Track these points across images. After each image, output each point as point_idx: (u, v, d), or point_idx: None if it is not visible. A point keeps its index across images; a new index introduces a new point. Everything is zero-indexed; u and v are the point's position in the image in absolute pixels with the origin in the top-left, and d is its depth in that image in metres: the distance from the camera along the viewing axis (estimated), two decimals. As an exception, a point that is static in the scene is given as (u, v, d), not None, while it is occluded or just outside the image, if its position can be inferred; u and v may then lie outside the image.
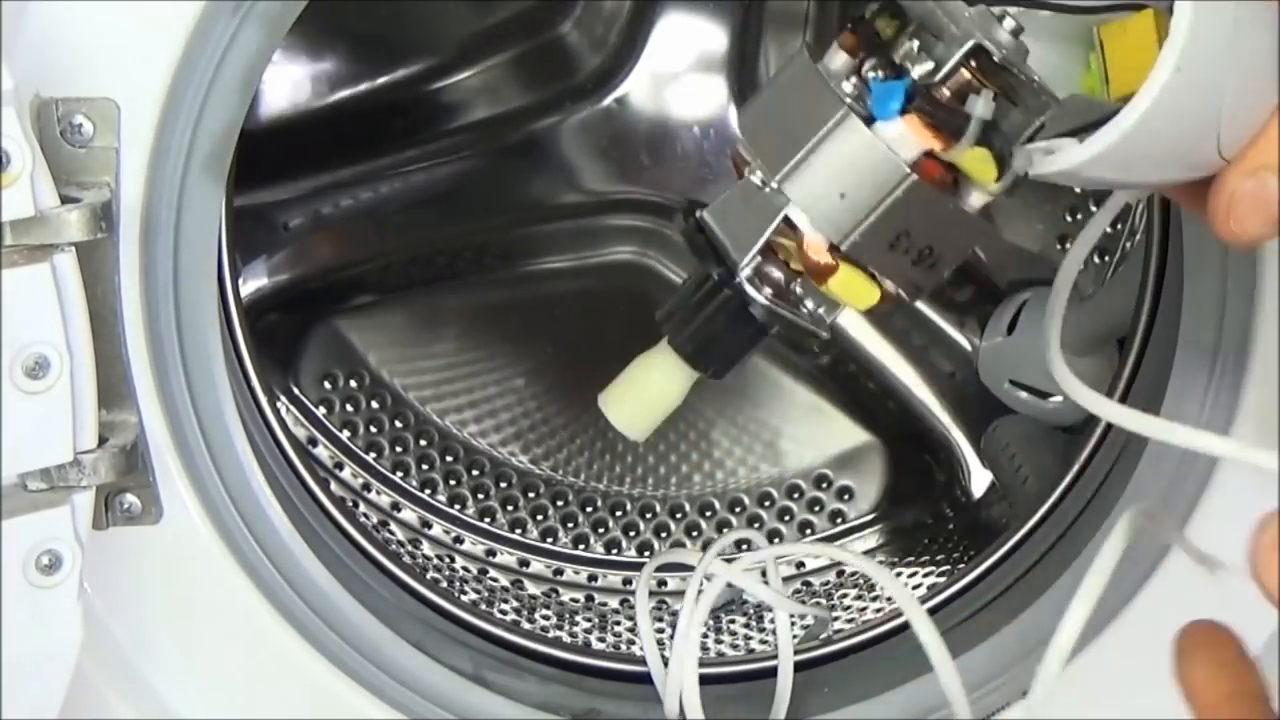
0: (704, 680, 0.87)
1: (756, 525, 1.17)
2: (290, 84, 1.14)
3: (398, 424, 1.16)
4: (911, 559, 1.09)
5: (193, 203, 0.67)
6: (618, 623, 1.04)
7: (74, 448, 0.63)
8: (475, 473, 1.17)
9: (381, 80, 1.17)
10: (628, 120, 1.21)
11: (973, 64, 0.50)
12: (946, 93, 0.50)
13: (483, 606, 1.00)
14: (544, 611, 1.04)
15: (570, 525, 1.17)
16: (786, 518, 1.17)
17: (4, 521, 0.62)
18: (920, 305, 1.16)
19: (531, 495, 1.17)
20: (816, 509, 1.17)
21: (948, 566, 1.05)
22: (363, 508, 1.11)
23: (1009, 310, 1.10)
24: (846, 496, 1.17)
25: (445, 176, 1.20)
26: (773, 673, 0.87)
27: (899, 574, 1.05)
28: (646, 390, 0.59)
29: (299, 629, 0.76)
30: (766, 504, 1.18)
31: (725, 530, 1.17)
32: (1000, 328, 1.10)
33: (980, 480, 1.14)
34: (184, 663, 0.74)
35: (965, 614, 0.86)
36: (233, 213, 0.77)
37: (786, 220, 0.52)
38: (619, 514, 1.17)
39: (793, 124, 0.50)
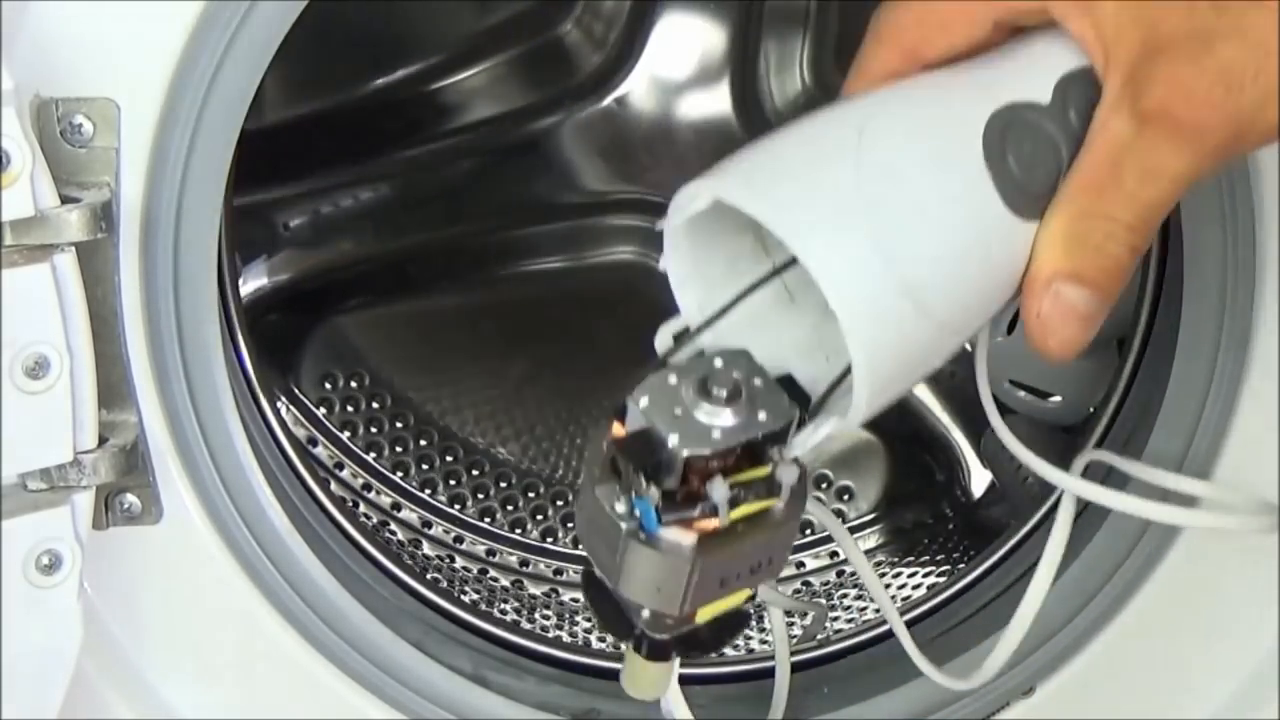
0: (704, 680, 0.87)
1: (756, 525, 1.17)
2: (290, 84, 1.14)
3: (398, 424, 1.16)
4: (911, 559, 1.09)
5: (193, 203, 0.67)
6: (618, 623, 1.04)
7: (74, 448, 0.63)
8: (475, 473, 1.17)
9: (381, 80, 1.17)
10: (628, 120, 1.21)
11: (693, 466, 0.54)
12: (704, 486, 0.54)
13: (483, 606, 1.00)
14: (544, 611, 1.04)
15: (570, 525, 1.17)
16: (786, 518, 1.17)
17: (4, 521, 0.62)
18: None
19: (531, 495, 1.17)
20: (816, 509, 1.17)
21: (948, 566, 1.05)
22: (363, 508, 1.11)
23: (1009, 310, 1.09)
24: (846, 496, 1.17)
25: (445, 176, 1.20)
26: (773, 673, 0.87)
27: (899, 574, 1.05)
28: (644, 676, 0.64)
29: (299, 629, 0.76)
30: (766, 504, 1.17)
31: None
32: (1000, 328, 1.10)
33: (980, 480, 1.14)
34: (184, 663, 0.74)
35: (966, 613, 0.86)
36: (233, 213, 0.77)
37: None
38: (619, 514, 1.17)
39: (603, 542, 0.56)
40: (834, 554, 1.13)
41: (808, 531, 1.16)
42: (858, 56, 0.56)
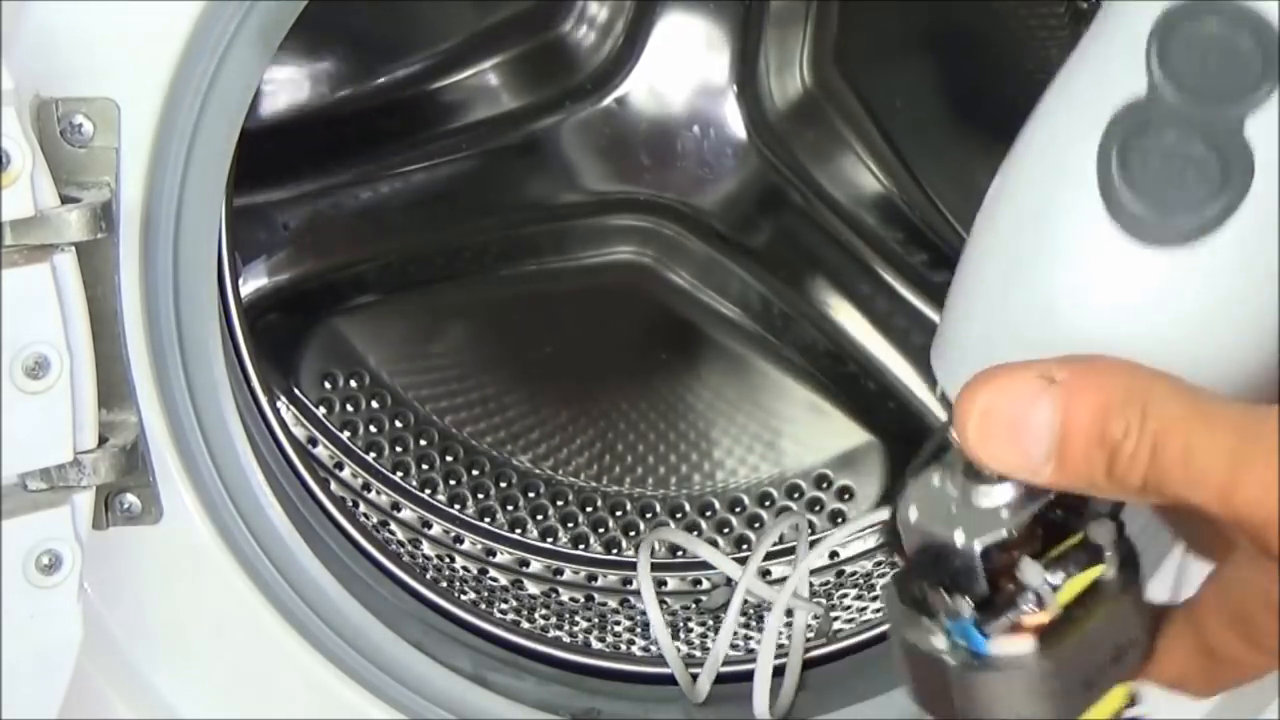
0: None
1: (756, 525, 1.17)
2: (290, 84, 1.14)
3: (398, 424, 1.16)
4: (911, 559, 1.09)
5: (193, 203, 0.67)
6: (617, 623, 1.04)
7: (74, 447, 0.63)
8: (475, 472, 1.17)
9: (381, 80, 1.17)
10: (628, 120, 1.21)
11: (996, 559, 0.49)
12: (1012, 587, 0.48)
13: (482, 606, 1.00)
14: (543, 611, 1.04)
15: (570, 525, 1.17)
16: (786, 518, 1.17)
17: (4, 521, 0.62)
18: (919, 304, 1.16)
19: (531, 495, 1.17)
20: (816, 509, 1.17)
21: (947, 566, 1.05)
22: (363, 507, 1.11)
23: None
24: (846, 496, 1.17)
25: (445, 176, 1.20)
26: (774, 673, 0.88)
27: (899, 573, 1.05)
28: None
29: (299, 629, 0.76)
30: (766, 504, 1.18)
31: (726, 530, 1.17)
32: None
33: (980, 480, 1.14)
34: (184, 663, 0.74)
35: (965, 614, 0.86)
36: (233, 213, 0.77)
37: None
38: (619, 514, 1.17)
39: (936, 692, 0.50)
40: (834, 554, 1.13)
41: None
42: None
